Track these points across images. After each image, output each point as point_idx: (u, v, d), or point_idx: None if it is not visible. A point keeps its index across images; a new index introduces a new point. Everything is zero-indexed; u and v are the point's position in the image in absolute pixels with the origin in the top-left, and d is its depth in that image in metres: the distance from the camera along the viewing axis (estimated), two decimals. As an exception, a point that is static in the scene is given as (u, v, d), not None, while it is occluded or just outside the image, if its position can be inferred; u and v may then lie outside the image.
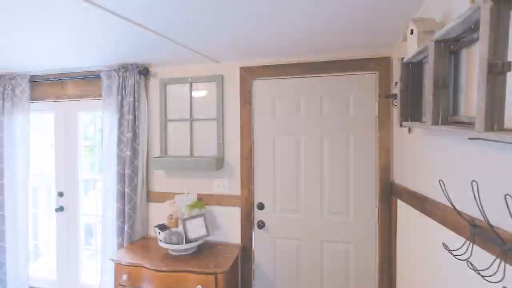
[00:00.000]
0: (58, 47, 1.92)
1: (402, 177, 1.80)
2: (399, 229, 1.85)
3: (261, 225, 2.23)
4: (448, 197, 0.92)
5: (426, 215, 1.34)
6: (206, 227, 2.11)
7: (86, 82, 2.59)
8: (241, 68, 2.23)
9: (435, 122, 1.02)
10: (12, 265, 2.66)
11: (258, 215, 2.26)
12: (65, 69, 2.54)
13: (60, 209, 2.74)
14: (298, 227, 2.18)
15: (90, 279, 2.74)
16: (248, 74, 2.23)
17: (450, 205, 1.08)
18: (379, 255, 2.02)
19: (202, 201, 2.32)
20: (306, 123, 2.15)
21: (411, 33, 1.24)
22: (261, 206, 2.25)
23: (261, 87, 2.24)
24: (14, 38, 1.74)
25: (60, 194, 2.75)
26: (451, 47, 1.01)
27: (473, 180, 0.77)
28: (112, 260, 2.02)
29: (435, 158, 1.27)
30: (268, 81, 2.22)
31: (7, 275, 2.66)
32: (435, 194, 1.27)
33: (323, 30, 1.62)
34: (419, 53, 1.17)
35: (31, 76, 2.64)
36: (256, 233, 2.27)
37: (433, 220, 1.26)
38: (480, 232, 0.86)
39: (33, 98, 2.70)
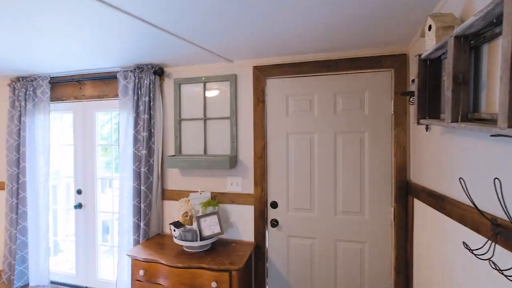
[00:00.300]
0: (77, 49, 1.98)
1: (419, 176, 1.77)
2: (416, 229, 1.82)
3: (275, 223, 2.24)
4: (469, 195, 0.90)
5: (445, 214, 1.31)
6: (220, 225, 2.13)
7: (103, 83, 2.66)
8: (255, 67, 2.24)
9: (454, 119, 1.00)
10: (34, 260, 2.76)
11: (272, 213, 2.26)
12: (83, 70, 2.62)
13: (79, 206, 2.82)
14: (311, 226, 2.18)
15: (107, 274, 2.82)
16: (262, 73, 2.23)
17: (470, 204, 1.06)
18: (395, 255, 1.99)
19: (216, 199, 2.34)
20: (320, 122, 2.14)
21: (429, 29, 1.22)
22: (274, 205, 2.25)
23: (275, 85, 2.24)
24: (35, 42, 1.81)
25: (79, 192, 2.84)
26: (471, 43, 0.99)
27: (496, 178, 0.76)
28: (129, 255, 2.07)
29: (454, 156, 1.24)
30: (282, 80, 2.22)
31: (30, 269, 2.77)
32: (454, 193, 1.24)
33: (338, 27, 1.61)
34: (437, 49, 1.14)
35: (51, 78, 2.74)
36: (269, 232, 2.27)
37: (452, 219, 1.24)
38: (503, 232, 0.84)
39: (52, 98, 2.80)
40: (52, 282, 2.90)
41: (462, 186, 0.94)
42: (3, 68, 2.47)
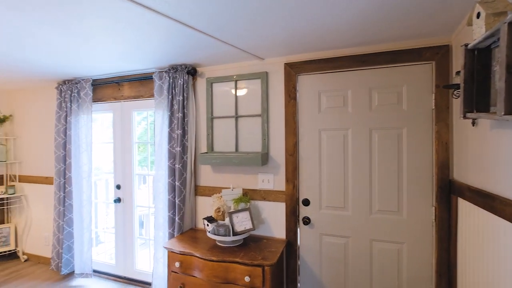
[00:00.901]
0: (117, 52, 2.09)
1: (464, 174, 1.66)
2: (460, 230, 1.72)
3: (307, 221, 2.22)
4: (527, 193, 0.83)
5: (495, 213, 1.23)
6: (252, 221, 2.15)
7: (139, 83, 2.79)
8: (286, 64, 2.24)
9: (508, 112, 0.93)
10: (79, 249, 2.97)
11: (304, 211, 2.25)
12: (122, 72, 2.77)
13: (118, 200, 2.99)
14: (345, 224, 2.13)
15: (143, 265, 2.96)
16: (293, 70, 2.22)
17: (527, 203, 0.98)
18: (436, 257, 1.90)
19: (248, 195, 2.37)
20: (354, 118, 2.09)
21: (478, 16, 1.14)
22: (306, 202, 2.23)
23: (306, 82, 2.22)
24: (81, 46, 1.94)
25: (118, 187, 3.00)
26: (528, 28, 0.91)
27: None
28: (166, 248, 2.15)
29: (507, 152, 1.15)
30: (314, 76, 2.20)
31: (75, 258, 2.98)
32: (506, 191, 1.16)
33: (375, 18, 1.56)
34: (487, 37, 1.07)
35: (93, 80, 2.92)
36: (301, 229, 2.26)
37: (504, 219, 1.15)
38: None
39: (94, 99, 2.99)
40: (94, 271, 3.10)
41: (518, 183, 0.87)
42: (52, 72, 2.67)
